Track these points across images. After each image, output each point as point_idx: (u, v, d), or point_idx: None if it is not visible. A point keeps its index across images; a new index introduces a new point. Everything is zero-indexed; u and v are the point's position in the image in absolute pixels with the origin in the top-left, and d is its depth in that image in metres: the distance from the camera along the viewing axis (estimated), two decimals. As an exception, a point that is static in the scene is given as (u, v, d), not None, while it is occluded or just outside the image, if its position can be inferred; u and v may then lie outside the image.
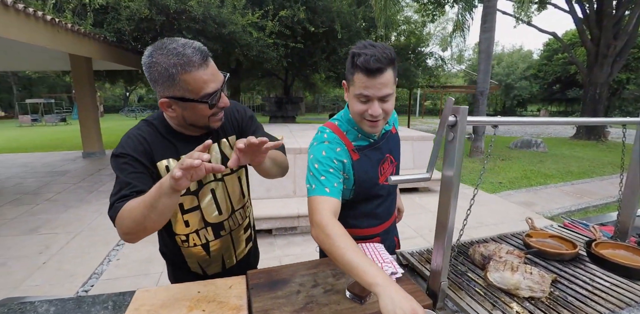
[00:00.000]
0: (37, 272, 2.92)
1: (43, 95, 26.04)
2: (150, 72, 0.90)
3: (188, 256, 1.20)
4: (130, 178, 0.93)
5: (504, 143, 10.93)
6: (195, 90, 0.90)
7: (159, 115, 1.06)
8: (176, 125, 1.04)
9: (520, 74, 30.31)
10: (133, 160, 0.96)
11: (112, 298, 1.05)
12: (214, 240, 1.18)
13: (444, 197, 0.92)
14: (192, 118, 0.97)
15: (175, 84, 0.88)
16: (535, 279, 0.92)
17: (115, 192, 0.92)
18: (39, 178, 6.22)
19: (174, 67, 0.86)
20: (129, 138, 0.99)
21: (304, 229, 3.61)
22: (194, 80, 0.88)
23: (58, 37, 4.88)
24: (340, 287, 1.01)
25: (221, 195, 1.15)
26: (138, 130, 1.02)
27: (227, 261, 1.26)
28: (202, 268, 1.23)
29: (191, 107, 0.93)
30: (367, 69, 0.98)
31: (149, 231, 0.89)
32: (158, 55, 0.87)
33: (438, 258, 0.94)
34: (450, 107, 0.85)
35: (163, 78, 0.88)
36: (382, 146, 1.22)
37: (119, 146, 0.98)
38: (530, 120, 0.96)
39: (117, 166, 0.96)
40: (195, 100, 0.91)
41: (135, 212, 0.84)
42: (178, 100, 0.91)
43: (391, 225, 1.39)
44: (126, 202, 0.88)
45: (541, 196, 5.34)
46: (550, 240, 1.28)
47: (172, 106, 0.94)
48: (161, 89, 0.91)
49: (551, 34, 13.72)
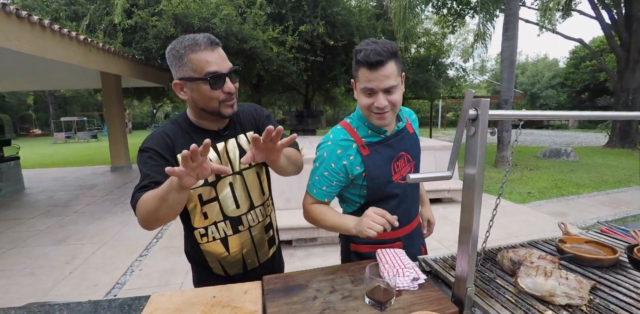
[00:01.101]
0: (63, 282, 2.99)
1: (77, 113, 27.53)
2: (167, 57, 1.03)
3: (208, 254, 1.20)
4: (151, 171, 1.01)
5: (531, 153, 10.53)
6: (198, 69, 0.98)
7: (183, 113, 1.15)
8: (195, 116, 1.11)
9: (546, 83, 29.49)
10: (155, 153, 1.04)
11: (127, 302, 1.04)
12: (232, 235, 1.19)
13: (466, 197, 0.87)
14: (201, 101, 1.03)
15: (184, 64, 0.99)
16: (572, 285, 0.85)
17: (138, 183, 1.00)
18: (69, 191, 6.48)
19: (183, 48, 0.98)
20: (154, 135, 1.09)
21: (324, 240, 3.55)
22: (197, 59, 0.98)
23: (90, 55, 5.18)
24: (359, 293, 0.96)
25: (240, 189, 1.17)
26: (162, 128, 1.12)
27: (247, 261, 1.25)
28: (223, 268, 1.22)
29: (196, 87, 1.01)
30: (368, 63, 1.03)
31: (161, 222, 0.95)
32: (174, 44, 1.01)
33: (463, 262, 0.88)
34: (471, 100, 0.81)
35: (175, 59, 1.00)
36: (395, 143, 1.22)
37: (145, 142, 1.07)
38: (559, 114, 0.91)
39: (141, 160, 1.05)
40: (197, 78, 0.99)
41: (149, 203, 0.91)
42: (186, 80, 1.01)
43: (414, 230, 1.33)
44: (145, 193, 0.94)
45: (573, 206, 5.06)
46: (586, 245, 1.18)
47: (183, 88, 1.04)
48: (174, 72, 1.02)
49: (578, 41, 13.36)
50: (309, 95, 14.46)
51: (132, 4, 6.88)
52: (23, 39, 3.86)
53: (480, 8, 8.65)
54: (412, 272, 1.01)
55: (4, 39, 3.59)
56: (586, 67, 24.61)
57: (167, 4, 6.36)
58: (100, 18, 6.74)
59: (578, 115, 0.97)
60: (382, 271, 1.00)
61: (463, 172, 0.88)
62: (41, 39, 4.15)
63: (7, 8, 3.54)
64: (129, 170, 8.66)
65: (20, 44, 3.82)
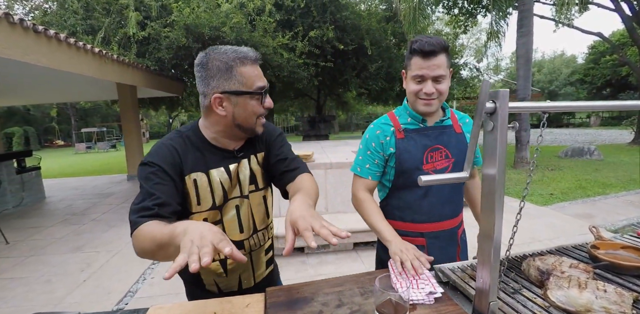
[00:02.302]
0: (77, 289, 3.00)
1: (97, 124, 28.39)
2: (207, 68, 0.94)
3: (204, 272, 1.14)
4: (154, 189, 0.92)
5: (552, 153, 10.17)
6: (249, 83, 0.95)
7: (193, 127, 1.06)
8: (218, 132, 1.03)
9: (565, 80, 28.69)
10: (160, 170, 0.95)
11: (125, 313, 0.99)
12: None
13: (486, 200, 0.78)
14: (242, 116, 0.98)
15: (232, 77, 0.93)
16: (612, 298, 0.74)
17: (138, 201, 0.90)
18: (87, 199, 6.60)
19: (232, 60, 0.93)
20: (160, 148, 0.98)
21: (336, 247, 3.45)
22: (248, 73, 0.94)
23: (105, 67, 5.28)
24: (369, 307, 0.88)
25: (245, 213, 1.11)
26: (170, 141, 1.01)
27: (244, 281, 1.19)
28: (217, 286, 1.16)
29: (243, 102, 0.96)
30: (422, 51, 1.13)
31: (159, 260, 0.90)
32: (215, 54, 0.94)
33: (484, 273, 0.79)
34: (487, 92, 0.72)
35: (221, 71, 0.93)
36: (433, 134, 1.26)
37: (149, 155, 0.98)
38: (585, 104, 0.81)
39: (143, 175, 0.95)
40: (249, 92, 0.95)
41: (147, 243, 0.82)
42: (232, 94, 0.94)
43: (443, 233, 1.29)
44: (145, 220, 0.85)
45: (601, 207, 4.80)
46: (622, 251, 1.06)
47: (224, 103, 0.96)
48: (216, 84, 0.94)
49: (597, 35, 12.90)
50: (321, 100, 14.45)
51: (145, 17, 7.04)
52: (40, 52, 3.96)
53: (493, 6, 8.46)
54: (427, 284, 0.92)
55: (22, 54, 3.69)
56: (606, 61, 23.83)
57: (179, 15, 6.47)
58: (115, 31, 6.91)
59: (604, 105, 0.87)
60: (394, 282, 0.92)
61: (481, 173, 0.79)
62: (57, 52, 4.25)
63: (24, 23, 3.64)
64: (145, 178, 8.79)
65: (37, 57, 3.91)
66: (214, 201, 1.03)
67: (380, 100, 12.68)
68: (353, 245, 3.45)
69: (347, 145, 6.53)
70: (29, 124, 25.42)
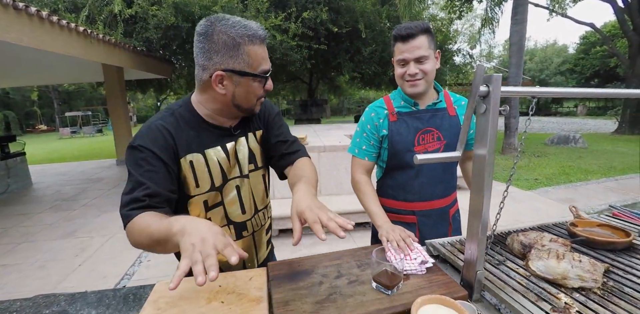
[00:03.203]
0: (73, 274, 3.03)
1: (81, 108, 27.60)
2: (211, 40, 0.85)
3: None
4: (145, 178, 0.86)
5: (539, 140, 10.40)
6: (255, 64, 0.89)
7: (185, 103, 0.99)
8: (213, 110, 0.97)
9: (555, 69, 28.96)
10: (151, 155, 0.88)
11: (132, 291, 1.04)
12: (236, 241, 1.09)
13: (477, 179, 0.84)
14: (242, 96, 0.93)
15: (239, 55, 0.86)
16: (586, 267, 0.82)
17: (127, 191, 0.86)
18: (75, 185, 6.53)
19: (241, 37, 0.84)
20: (150, 130, 0.90)
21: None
22: (255, 53, 0.88)
23: (91, 47, 5.13)
24: (366, 278, 0.94)
25: (246, 193, 1.09)
26: (160, 121, 0.93)
27: (248, 264, 1.19)
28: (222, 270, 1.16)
29: (245, 83, 0.90)
30: (400, 36, 1.21)
31: (158, 253, 0.87)
32: (222, 26, 0.84)
33: (472, 245, 0.86)
34: (482, 75, 0.76)
35: (227, 47, 0.85)
36: (424, 117, 1.31)
37: (138, 137, 0.89)
38: (574, 91, 0.86)
39: (132, 160, 0.88)
40: (254, 74, 0.89)
41: (142, 238, 0.79)
42: (236, 73, 0.88)
43: (434, 211, 1.36)
44: (138, 213, 0.82)
45: (582, 192, 5.00)
46: (598, 229, 1.15)
47: (225, 81, 0.89)
48: (220, 60, 0.86)
49: (589, 25, 13.02)
50: (313, 84, 14.32)
51: (132, -7, 6.79)
52: (21, 31, 3.82)
53: (488, -8, 8.41)
54: (419, 255, 0.99)
55: (3, 32, 3.56)
56: (596, 52, 24.09)
57: (167, -8, 6.26)
58: (100, 8, 6.65)
59: (594, 92, 0.92)
60: (389, 255, 0.98)
61: (473, 153, 0.85)
62: (40, 30, 4.10)
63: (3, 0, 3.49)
64: (135, 162, 8.70)
65: (18, 36, 3.78)
66: (213, 182, 1.00)
67: (373, 85, 12.65)
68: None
69: (339, 128, 6.54)
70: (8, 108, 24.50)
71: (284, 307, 0.83)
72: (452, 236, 1.18)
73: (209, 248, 0.66)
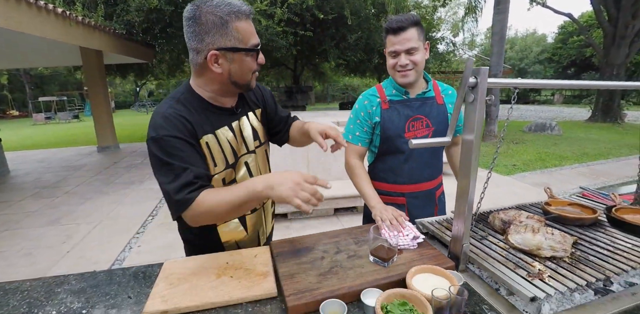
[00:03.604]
0: (62, 261, 3.02)
1: (55, 93, 26.45)
2: (199, 22, 0.89)
3: (225, 236, 1.16)
4: (185, 163, 0.90)
5: (517, 127, 10.75)
6: (245, 39, 0.93)
7: (187, 89, 1.02)
8: (213, 91, 1.02)
9: (534, 58, 29.59)
10: (180, 142, 0.91)
11: (141, 269, 1.09)
12: (249, 214, 1.17)
13: (464, 162, 0.93)
14: (238, 73, 0.97)
15: (228, 32, 0.90)
16: (557, 239, 0.93)
17: (171, 179, 0.88)
18: (56, 172, 6.39)
19: (227, 15, 0.89)
20: (168, 119, 0.93)
21: (319, 213, 3.66)
22: (244, 29, 0.92)
23: (70, 30, 4.94)
24: (363, 253, 1.03)
25: (254, 168, 1.15)
26: (171, 109, 0.96)
27: (261, 237, 1.26)
28: (238, 246, 1.20)
29: (239, 59, 0.95)
30: (391, 29, 1.28)
31: (223, 221, 1.07)
32: (208, 7, 0.89)
33: (459, 222, 0.96)
34: (471, 68, 0.84)
35: (217, 26, 0.89)
36: (415, 105, 1.40)
37: (159, 128, 0.91)
38: (552, 83, 0.95)
39: (162, 151, 0.90)
40: (246, 49, 0.94)
41: (221, 208, 0.87)
42: (229, 50, 0.92)
43: (422, 193, 1.46)
44: (197, 194, 0.87)
45: (556, 177, 5.28)
46: (569, 207, 1.28)
47: (220, 60, 0.93)
48: (211, 40, 0.90)
49: (567, 15, 13.29)
50: (298, 70, 14.19)
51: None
52: (-4, 11, 3.66)
53: (472, -20, 8.46)
54: (411, 232, 1.08)
55: (-23, 12, 3.40)
56: (573, 42, 24.66)
57: (148, -26, 6.03)
58: (78, -11, 6.35)
59: (571, 84, 1.02)
60: (384, 232, 1.07)
61: (461, 138, 0.93)
62: (16, 11, 3.92)
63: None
64: (117, 150, 8.54)
65: (-7, 17, 3.62)
66: (227, 160, 1.05)
67: (358, 72, 12.65)
68: (334, 211, 3.67)
69: (326, 115, 6.58)
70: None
71: (290, 279, 0.91)
72: (439, 216, 1.28)
73: (307, 186, 0.82)
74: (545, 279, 0.83)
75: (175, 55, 8.77)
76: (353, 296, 0.84)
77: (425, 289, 0.79)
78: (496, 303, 0.83)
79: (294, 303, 0.81)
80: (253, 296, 0.88)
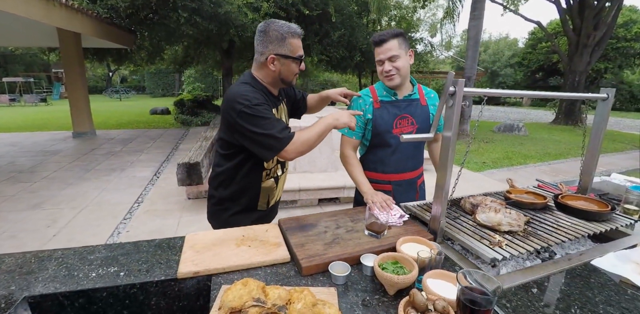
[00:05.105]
0: (49, 244, 3.04)
1: (21, 73, 24.99)
2: (267, 35, 1.29)
3: (264, 189, 1.50)
4: (276, 118, 1.28)
5: (488, 128, 11.34)
6: (294, 51, 1.33)
7: (252, 78, 1.37)
8: (268, 82, 1.39)
9: (506, 62, 30.79)
10: (268, 107, 1.29)
11: (164, 241, 1.23)
12: (281, 174, 1.56)
13: (443, 155, 1.15)
14: (285, 73, 1.37)
15: (285, 44, 1.30)
16: (514, 217, 1.18)
17: (272, 126, 1.23)
18: (30, 157, 6.22)
19: (287, 33, 1.29)
20: (252, 92, 1.28)
21: (304, 202, 3.86)
22: (295, 44, 1.32)
23: (51, 11, 4.82)
24: (360, 228, 1.24)
25: None
26: (249, 86, 1.32)
27: (278, 195, 1.63)
28: (268, 201, 1.55)
29: (288, 63, 1.35)
30: (375, 42, 1.53)
31: (309, 151, 1.32)
32: (274, 26, 1.29)
33: (437, 205, 1.18)
34: (451, 80, 1.06)
35: (278, 39, 1.29)
36: (402, 105, 1.62)
37: (250, 98, 1.25)
38: (515, 92, 1.19)
39: (260, 111, 1.24)
40: (294, 57, 1.33)
41: (313, 138, 1.28)
42: (283, 56, 1.31)
43: (405, 182, 1.69)
44: (293, 132, 1.27)
45: (521, 174, 5.74)
46: (526, 195, 1.54)
47: (275, 62, 1.32)
48: (273, 48, 1.30)
49: (536, 23, 14.00)
50: (279, 64, 14.14)
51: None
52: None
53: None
54: (398, 211, 1.30)
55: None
56: (542, 48, 25.79)
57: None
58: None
59: (528, 94, 1.26)
60: (375, 213, 1.28)
61: (442, 135, 1.15)
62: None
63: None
64: (93, 136, 8.34)
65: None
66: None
67: (339, 68, 12.84)
68: (318, 201, 3.88)
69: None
70: None
71: (301, 247, 1.10)
72: (419, 201, 1.51)
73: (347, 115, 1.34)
74: (503, 246, 1.07)
75: (156, 43, 8.61)
76: (354, 259, 1.05)
77: (412, 253, 1.01)
78: (465, 265, 1.07)
79: (307, 264, 1.00)
80: (271, 260, 1.07)
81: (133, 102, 21.67)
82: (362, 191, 1.55)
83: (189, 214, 3.70)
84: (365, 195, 1.50)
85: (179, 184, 3.77)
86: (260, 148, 1.27)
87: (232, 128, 1.30)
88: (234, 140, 1.34)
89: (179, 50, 11.88)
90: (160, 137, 8.60)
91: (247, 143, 1.30)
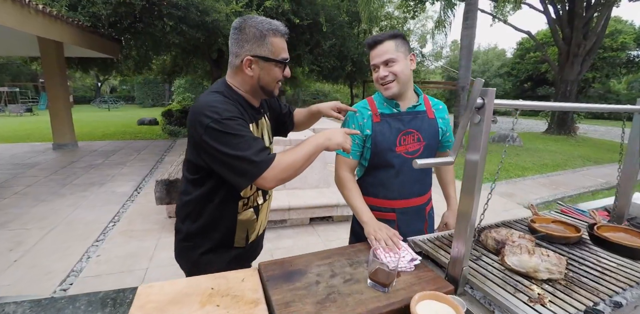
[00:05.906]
0: (9, 270, 2.72)
1: (7, 83, 24.45)
2: (242, 33, 1.06)
3: (241, 222, 1.23)
4: (253, 136, 1.03)
5: (481, 138, 11.22)
6: (276, 52, 1.09)
7: (226, 86, 1.14)
8: (245, 91, 1.16)
9: (495, 72, 31.22)
10: (242, 121, 1.04)
11: (110, 295, 0.96)
12: (263, 203, 1.30)
13: (468, 183, 0.91)
14: (265, 79, 1.12)
15: (264, 44, 1.06)
16: (553, 261, 0.93)
17: (247, 147, 0.98)
18: (4, 170, 5.85)
19: (267, 30, 1.06)
20: (225, 104, 1.05)
21: (294, 222, 3.57)
22: (277, 44, 1.08)
23: (29, 18, 4.55)
24: (360, 276, 0.98)
25: None
26: (222, 97, 1.07)
27: (260, 228, 1.36)
28: (247, 236, 1.28)
29: (268, 67, 1.10)
30: (368, 44, 1.32)
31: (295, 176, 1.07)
32: (252, 21, 1.06)
33: (460, 244, 0.94)
34: (479, 89, 0.83)
35: (256, 38, 1.06)
36: (405, 119, 1.37)
37: (221, 111, 1.01)
38: (548, 105, 0.96)
39: (230, 128, 1.00)
40: (276, 60, 1.09)
41: (299, 161, 1.03)
42: (261, 58, 1.08)
43: (411, 209, 1.43)
44: (273, 154, 1.02)
45: (520, 187, 5.54)
46: (553, 225, 1.30)
47: (253, 65, 1.09)
48: (249, 48, 1.06)
49: (526, 33, 14.15)
50: (270, 74, 14.02)
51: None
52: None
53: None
54: (407, 253, 1.05)
55: None
56: (530, 58, 26.25)
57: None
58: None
59: (569, 106, 1.04)
60: (379, 254, 1.03)
61: (465, 159, 0.91)
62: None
63: None
64: (75, 148, 7.97)
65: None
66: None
67: (330, 78, 12.72)
68: (309, 220, 3.60)
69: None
70: None
71: (285, 309, 0.84)
72: (429, 233, 1.26)
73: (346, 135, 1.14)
74: (547, 304, 0.82)
75: (143, 52, 8.36)
76: (355, 326, 0.79)
77: (431, 318, 0.76)
78: (499, 330, 0.82)
79: (293, 336, 0.74)
80: (244, 329, 0.80)
81: (122, 112, 21.31)
82: (361, 221, 1.29)
83: (169, 235, 3.39)
84: (367, 226, 1.24)
85: (157, 203, 3.47)
86: (231, 173, 1.01)
87: (198, 147, 1.04)
88: (202, 162, 1.08)
89: (167, 59, 11.63)
90: (145, 148, 8.26)
91: (217, 167, 1.04)
